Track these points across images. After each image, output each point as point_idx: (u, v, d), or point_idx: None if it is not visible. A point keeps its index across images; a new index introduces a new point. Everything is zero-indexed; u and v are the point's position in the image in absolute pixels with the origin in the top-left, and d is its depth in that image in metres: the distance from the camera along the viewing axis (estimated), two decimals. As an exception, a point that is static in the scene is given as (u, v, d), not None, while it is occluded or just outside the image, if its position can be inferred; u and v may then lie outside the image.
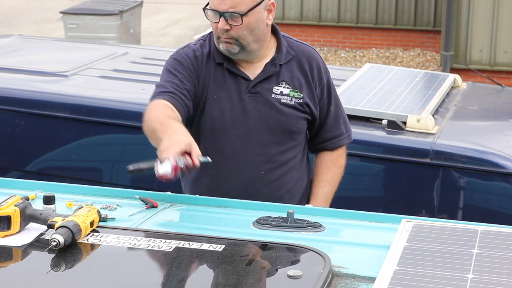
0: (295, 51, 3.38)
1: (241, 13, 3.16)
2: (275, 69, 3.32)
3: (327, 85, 3.42)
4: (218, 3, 3.17)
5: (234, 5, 3.15)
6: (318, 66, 3.40)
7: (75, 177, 4.75)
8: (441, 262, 2.28)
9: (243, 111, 3.30)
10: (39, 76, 5.19)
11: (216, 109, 3.30)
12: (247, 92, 3.30)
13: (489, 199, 4.40)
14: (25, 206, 2.59)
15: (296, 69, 3.36)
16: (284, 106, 3.32)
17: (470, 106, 5.07)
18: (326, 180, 3.50)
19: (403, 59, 12.83)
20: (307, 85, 3.36)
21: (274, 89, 3.32)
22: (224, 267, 2.34)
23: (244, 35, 3.20)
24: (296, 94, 3.34)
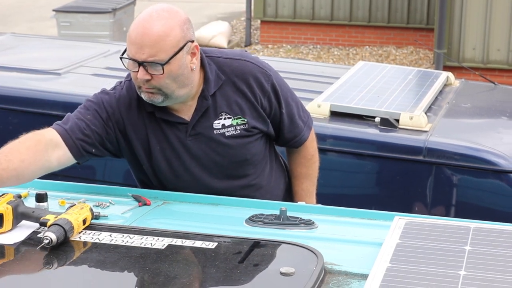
0: (226, 73, 3.10)
1: (161, 63, 2.88)
2: (207, 102, 3.06)
3: (272, 91, 3.16)
4: (135, 52, 2.89)
5: (153, 54, 2.88)
6: (255, 78, 3.13)
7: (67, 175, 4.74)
8: (434, 259, 2.29)
9: (190, 156, 3.10)
10: (32, 74, 5.18)
11: (163, 160, 3.11)
12: (188, 136, 3.08)
13: (482, 196, 4.40)
14: (18, 204, 2.59)
15: (233, 93, 3.10)
16: (230, 139, 3.11)
17: (463, 103, 5.08)
18: (302, 176, 3.39)
19: (396, 57, 12.84)
20: (248, 105, 3.12)
21: (215, 124, 3.09)
22: (217, 265, 2.34)
23: (166, 84, 2.93)
24: (240, 120, 3.11)
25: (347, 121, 4.56)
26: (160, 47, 2.89)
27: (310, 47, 13.54)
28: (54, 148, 2.99)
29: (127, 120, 3.09)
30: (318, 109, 4.61)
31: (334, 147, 4.49)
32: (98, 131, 3.06)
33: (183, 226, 2.74)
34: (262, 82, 3.14)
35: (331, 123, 4.57)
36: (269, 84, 3.16)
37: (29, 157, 2.90)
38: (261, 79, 3.15)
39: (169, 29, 2.91)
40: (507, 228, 2.53)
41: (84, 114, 3.07)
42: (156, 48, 2.89)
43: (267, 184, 3.29)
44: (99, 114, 3.07)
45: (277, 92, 3.19)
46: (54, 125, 3.07)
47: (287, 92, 3.25)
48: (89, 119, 3.05)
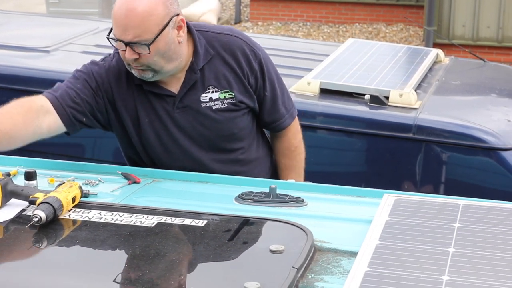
0: (215, 48, 3.11)
1: (147, 43, 2.89)
2: (196, 75, 3.08)
3: (259, 70, 3.17)
4: (121, 33, 2.91)
5: (138, 34, 2.89)
6: (244, 54, 3.14)
7: (56, 153, 4.73)
8: (423, 236, 2.29)
9: (177, 129, 3.12)
10: (20, 51, 5.15)
11: (151, 133, 3.12)
12: (175, 109, 3.10)
13: (471, 173, 4.42)
14: (6, 182, 2.58)
15: (221, 67, 3.11)
16: (217, 112, 3.12)
17: (452, 81, 5.08)
18: (286, 168, 3.39)
19: (386, 34, 12.83)
20: (236, 80, 3.13)
21: (202, 98, 3.10)
22: (206, 242, 2.34)
23: (154, 61, 2.95)
24: (228, 94, 3.12)
25: (336, 99, 4.56)
26: (144, 28, 2.89)
27: (300, 24, 13.52)
28: (45, 114, 3.00)
29: (116, 91, 3.10)
30: (308, 86, 4.61)
31: (323, 125, 4.49)
32: (88, 100, 3.07)
33: (172, 204, 2.73)
34: (250, 59, 3.15)
35: (321, 100, 4.56)
36: (256, 62, 3.17)
37: (20, 122, 2.92)
38: (249, 56, 3.15)
39: (152, 7, 2.90)
40: (496, 205, 2.54)
41: (74, 83, 3.08)
42: (141, 29, 2.89)
43: (255, 159, 3.30)
44: (89, 84, 3.09)
45: (263, 72, 3.19)
46: (45, 92, 3.08)
47: (273, 75, 3.25)
48: (79, 88, 3.07)
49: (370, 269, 2.10)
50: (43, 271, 2.19)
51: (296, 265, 2.17)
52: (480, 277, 2.05)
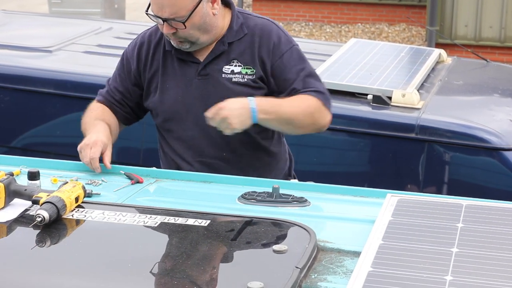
0: (250, 28, 3.24)
1: (182, 20, 3.08)
2: (224, 47, 3.21)
3: (288, 53, 3.23)
4: (157, 10, 3.09)
5: (174, 12, 3.07)
6: (273, 37, 3.22)
7: (59, 153, 4.73)
8: (426, 236, 2.29)
9: (195, 96, 3.23)
10: (23, 51, 5.16)
11: (169, 98, 3.25)
12: (197, 75, 3.23)
13: (474, 173, 4.41)
14: (10, 182, 2.58)
15: (249, 45, 3.22)
16: (236, 85, 3.20)
17: (455, 81, 5.08)
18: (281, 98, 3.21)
19: (388, 34, 12.83)
20: (260, 59, 3.21)
21: (224, 69, 3.22)
22: (209, 242, 2.35)
23: (190, 34, 3.13)
24: (249, 70, 3.21)
25: (339, 99, 4.56)
26: (179, 5, 3.07)
27: (302, 24, 13.52)
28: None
29: (143, 62, 3.30)
30: (311, 86, 4.60)
31: (326, 125, 4.48)
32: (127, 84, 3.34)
33: (175, 203, 2.73)
34: (279, 44, 3.22)
35: (324, 100, 4.55)
36: (285, 50, 3.23)
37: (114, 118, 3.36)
38: (280, 41, 3.23)
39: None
40: (499, 205, 2.54)
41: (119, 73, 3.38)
42: (176, 7, 3.07)
43: (263, 149, 3.31)
44: (125, 67, 3.36)
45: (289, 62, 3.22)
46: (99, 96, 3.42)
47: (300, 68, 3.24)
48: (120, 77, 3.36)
49: (373, 269, 2.10)
50: (46, 271, 2.19)
51: (299, 265, 2.17)
52: (483, 277, 2.05)
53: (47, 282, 2.12)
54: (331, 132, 4.49)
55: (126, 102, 3.36)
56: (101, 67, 4.96)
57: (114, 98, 3.35)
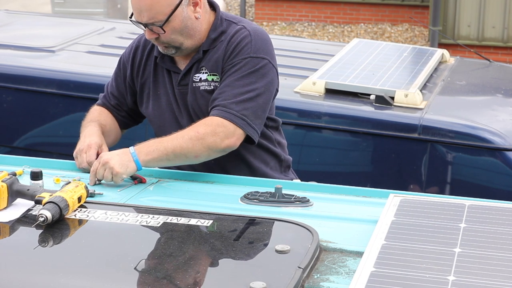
0: (227, 36, 3.16)
1: (160, 24, 3.03)
2: (198, 55, 3.17)
3: (239, 64, 3.10)
4: (137, 16, 3.07)
5: (151, 17, 3.03)
6: (238, 45, 3.12)
7: (62, 153, 4.73)
8: (429, 237, 2.29)
9: (177, 105, 3.23)
10: (25, 51, 5.16)
11: (159, 106, 3.26)
12: (177, 85, 3.22)
13: (477, 174, 4.41)
14: (12, 182, 2.58)
15: (220, 53, 3.15)
16: (203, 93, 3.17)
17: (458, 81, 5.08)
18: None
19: (391, 34, 12.82)
20: (222, 65, 3.15)
21: (195, 77, 3.19)
22: (212, 242, 2.35)
23: (172, 39, 3.09)
24: (215, 77, 3.16)
25: (342, 99, 4.56)
26: (156, 10, 3.03)
27: (305, 24, 13.51)
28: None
29: (138, 66, 3.29)
30: (313, 86, 4.61)
31: (329, 125, 4.49)
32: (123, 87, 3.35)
33: (178, 203, 2.74)
34: (240, 52, 3.11)
35: (326, 100, 4.56)
36: (242, 58, 3.10)
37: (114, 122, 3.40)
38: (243, 50, 3.10)
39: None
40: (502, 206, 2.54)
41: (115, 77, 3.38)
42: (153, 11, 3.03)
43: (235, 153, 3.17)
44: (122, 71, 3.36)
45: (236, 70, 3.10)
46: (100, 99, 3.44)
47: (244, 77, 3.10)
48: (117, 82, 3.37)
49: (376, 269, 2.10)
50: (48, 271, 2.19)
51: (302, 265, 2.17)
52: (486, 278, 2.05)
53: (49, 282, 2.12)
54: (333, 132, 4.50)
55: (121, 107, 3.37)
56: (104, 67, 4.96)
57: (110, 103, 3.36)
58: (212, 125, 3.02)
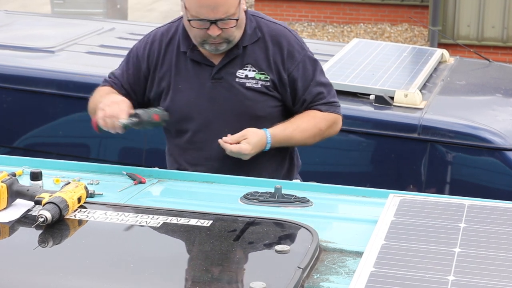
0: (262, 32, 3.24)
1: (235, 17, 3.09)
2: (238, 51, 3.21)
3: (302, 63, 3.26)
4: (208, 12, 3.06)
5: (225, 11, 3.06)
6: (289, 45, 3.25)
7: (62, 153, 4.73)
8: (428, 237, 2.29)
9: (207, 99, 3.23)
10: (25, 52, 5.16)
11: (181, 99, 3.24)
12: (210, 78, 3.23)
13: (477, 173, 4.41)
14: (12, 182, 2.58)
15: (264, 51, 3.23)
16: (249, 91, 3.21)
17: (457, 81, 5.08)
18: (291, 121, 3.26)
19: (390, 34, 12.82)
20: (275, 66, 3.23)
21: (238, 73, 3.22)
22: (211, 243, 2.35)
23: (233, 32, 3.13)
24: (263, 76, 3.22)
25: (341, 99, 4.53)
26: (231, 3, 3.08)
27: (304, 24, 13.51)
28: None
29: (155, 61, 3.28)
30: (313, 86, 4.60)
31: (328, 125, 4.48)
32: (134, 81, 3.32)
33: (178, 204, 2.73)
34: (293, 51, 3.24)
35: (326, 100, 4.55)
36: (300, 56, 3.25)
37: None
38: (294, 48, 3.25)
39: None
40: (502, 206, 2.54)
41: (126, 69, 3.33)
42: (228, 5, 3.07)
43: (271, 154, 3.26)
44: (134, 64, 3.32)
45: (305, 67, 3.26)
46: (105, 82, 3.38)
47: (316, 74, 3.30)
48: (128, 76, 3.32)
49: (376, 269, 2.10)
50: (48, 271, 2.19)
51: (302, 265, 2.17)
52: (486, 277, 2.05)
53: (49, 283, 2.12)
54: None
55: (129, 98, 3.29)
56: (104, 68, 4.95)
57: (120, 92, 3.31)
58: (330, 121, 3.31)
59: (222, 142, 3.11)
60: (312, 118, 3.27)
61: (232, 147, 3.10)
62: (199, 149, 3.29)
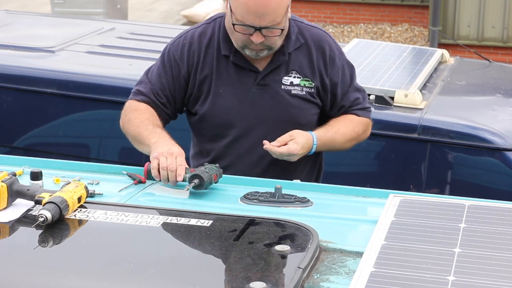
0: (305, 37, 3.20)
1: (281, 26, 3.04)
2: (284, 58, 3.16)
3: (341, 68, 3.26)
4: (254, 19, 2.99)
5: (272, 19, 3.00)
6: (331, 50, 3.23)
7: (62, 153, 4.73)
8: (428, 237, 2.29)
9: (251, 105, 3.17)
10: (25, 51, 5.16)
11: (222, 104, 3.17)
12: (255, 85, 3.17)
13: (477, 174, 4.41)
14: (12, 182, 2.58)
15: (307, 56, 3.20)
16: (294, 98, 3.19)
17: (457, 81, 5.08)
18: (330, 124, 3.27)
19: (391, 34, 12.82)
20: (318, 72, 3.21)
21: (284, 80, 3.18)
22: (212, 242, 2.35)
23: (276, 40, 3.08)
24: (308, 83, 3.20)
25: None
26: (278, 12, 3.01)
27: (304, 24, 13.49)
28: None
29: (194, 64, 3.19)
30: (313, 86, 4.60)
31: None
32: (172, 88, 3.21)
33: (178, 203, 2.74)
34: (334, 57, 3.24)
35: (326, 100, 4.55)
36: (340, 61, 3.25)
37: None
38: (335, 54, 3.25)
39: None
40: (502, 206, 2.54)
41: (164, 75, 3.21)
42: (275, 14, 3.00)
43: (307, 160, 3.27)
44: (172, 71, 3.20)
45: (344, 71, 3.26)
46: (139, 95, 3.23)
47: (354, 77, 3.33)
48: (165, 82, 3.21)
49: (376, 269, 2.10)
50: (48, 271, 2.19)
51: (302, 265, 2.17)
52: (486, 278, 2.05)
53: (49, 282, 2.12)
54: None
55: (170, 105, 3.23)
56: (104, 67, 4.96)
57: (159, 101, 3.21)
58: (364, 125, 3.34)
59: (270, 146, 3.04)
60: (350, 122, 3.29)
61: (281, 149, 3.04)
62: (238, 155, 3.23)
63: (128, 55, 5.17)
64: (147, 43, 5.50)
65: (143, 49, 5.32)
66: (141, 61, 5.07)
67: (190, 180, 2.81)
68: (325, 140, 3.21)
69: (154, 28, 6.21)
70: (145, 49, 5.31)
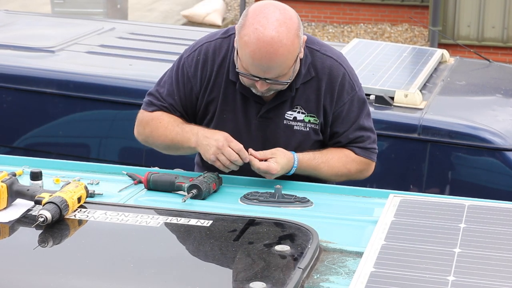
0: (317, 69, 3.04)
1: (287, 81, 2.92)
2: (291, 94, 3.02)
3: (348, 104, 3.08)
4: (259, 72, 2.86)
5: (278, 73, 2.87)
6: (342, 85, 3.05)
7: (62, 153, 4.73)
8: (428, 237, 2.29)
9: (250, 136, 3.07)
10: (25, 51, 5.16)
11: (224, 130, 3.05)
12: (258, 117, 3.06)
13: (477, 174, 4.41)
14: (12, 182, 2.58)
15: (315, 91, 3.04)
16: (296, 133, 3.07)
17: (457, 81, 5.08)
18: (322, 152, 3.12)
19: (391, 34, 12.82)
20: (325, 108, 3.06)
21: (287, 115, 3.05)
22: (211, 243, 2.35)
23: (284, 87, 2.97)
24: (313, 119, 3.06)
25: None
26: (286, 65, 2.87)
27: (304, 24, 13.51)
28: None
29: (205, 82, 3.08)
30: (313, 86, 4.60)
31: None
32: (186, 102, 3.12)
33: (178, 204, 2.74)
34: (343, 92, 3.07)
35: (326, 100, 4.55)
36: (349, 97, 3.09)
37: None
38: (344, 89, 3.07)
39: (290, 45, 2.84)
40: (502, 206, 2.54)
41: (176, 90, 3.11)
42: (282, 67, 2.87)
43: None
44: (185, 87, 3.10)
45: (351, 108, 3.10)
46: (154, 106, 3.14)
47: (361, 117, 3.15)
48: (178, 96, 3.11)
49: (376, 269, 2.10)
50: (48, 271, 2.19)
51: (302, 265, 2.17)
52: (486, 278, 2.05)
53: (49, 282, 2.12)
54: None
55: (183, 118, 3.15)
56: (104, 68, 4.96)
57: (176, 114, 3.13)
58: (361, 164, 3.17)
59: (251, 158, 2.94)
60: (344, 157, 3.13)
61: (260, 164, 2.93)
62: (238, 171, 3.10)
63: (128, 55, 5.18)
64: (147, 43, 5.50)
65: (143, 49, 5.32)
66: (141, 61, 5.07)
67: (188, 190, 2.81)
68: (307, 167, 3.06)
69: (154, 28, 6.21)
70: (145, 49, 5.32)
